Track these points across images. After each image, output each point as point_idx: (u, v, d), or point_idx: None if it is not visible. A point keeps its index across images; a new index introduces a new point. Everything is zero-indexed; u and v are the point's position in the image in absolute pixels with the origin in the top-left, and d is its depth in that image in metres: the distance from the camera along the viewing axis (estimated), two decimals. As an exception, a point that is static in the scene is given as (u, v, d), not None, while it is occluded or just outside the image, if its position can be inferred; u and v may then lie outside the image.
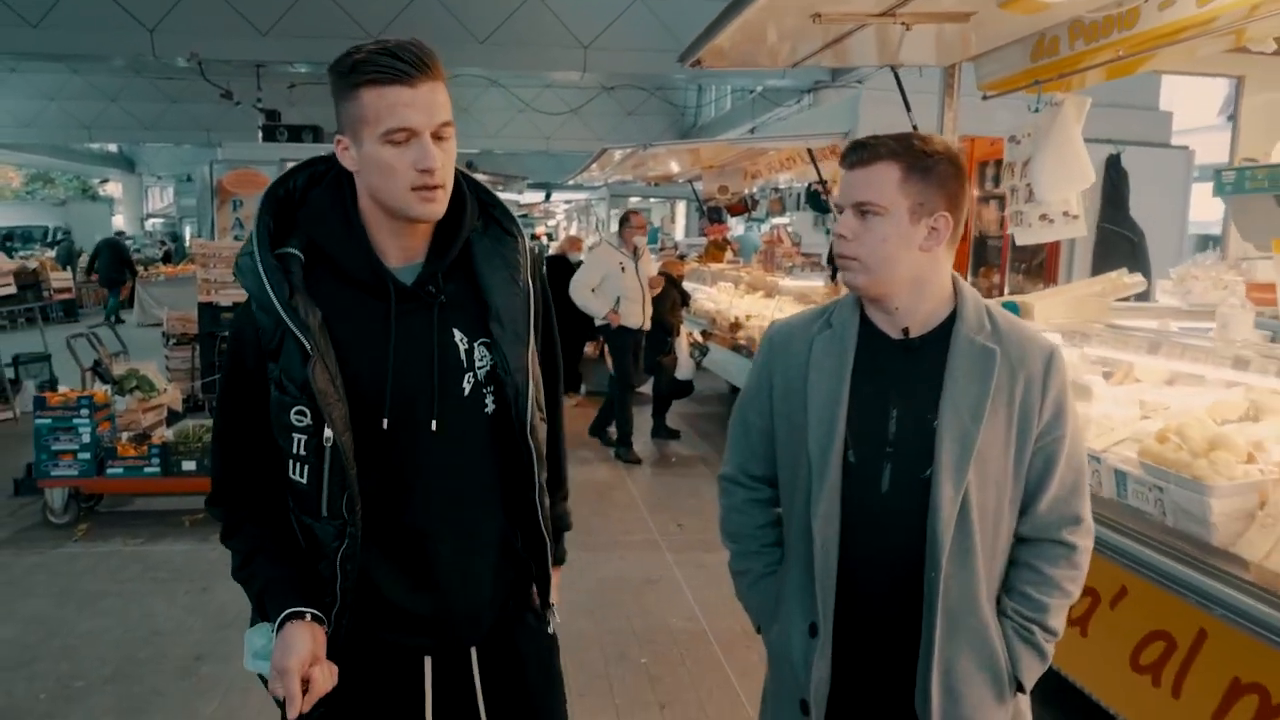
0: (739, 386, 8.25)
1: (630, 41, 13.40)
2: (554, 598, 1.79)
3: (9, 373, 8.99)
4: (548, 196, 30.54)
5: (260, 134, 12.49)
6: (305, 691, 1.45)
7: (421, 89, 1.44)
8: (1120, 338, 3.24)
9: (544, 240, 33.73)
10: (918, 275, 1.62)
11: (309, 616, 1.53)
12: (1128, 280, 3.71)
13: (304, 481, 1.53)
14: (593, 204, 22.94)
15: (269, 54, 13.35)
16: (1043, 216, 4.09)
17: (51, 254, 20.97)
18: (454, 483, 1.61)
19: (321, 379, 1.48)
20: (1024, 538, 1.69)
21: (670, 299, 8.03)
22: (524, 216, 35.65)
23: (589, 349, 9.35)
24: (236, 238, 10.36)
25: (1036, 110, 4.07)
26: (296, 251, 1.55)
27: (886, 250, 1.58)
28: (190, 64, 13.28)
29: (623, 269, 7.37)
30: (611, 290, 7.38)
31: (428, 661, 1.67)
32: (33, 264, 12.77)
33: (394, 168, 1.47)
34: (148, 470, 5.61)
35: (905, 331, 1.65)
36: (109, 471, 5.61)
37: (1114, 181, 6.99)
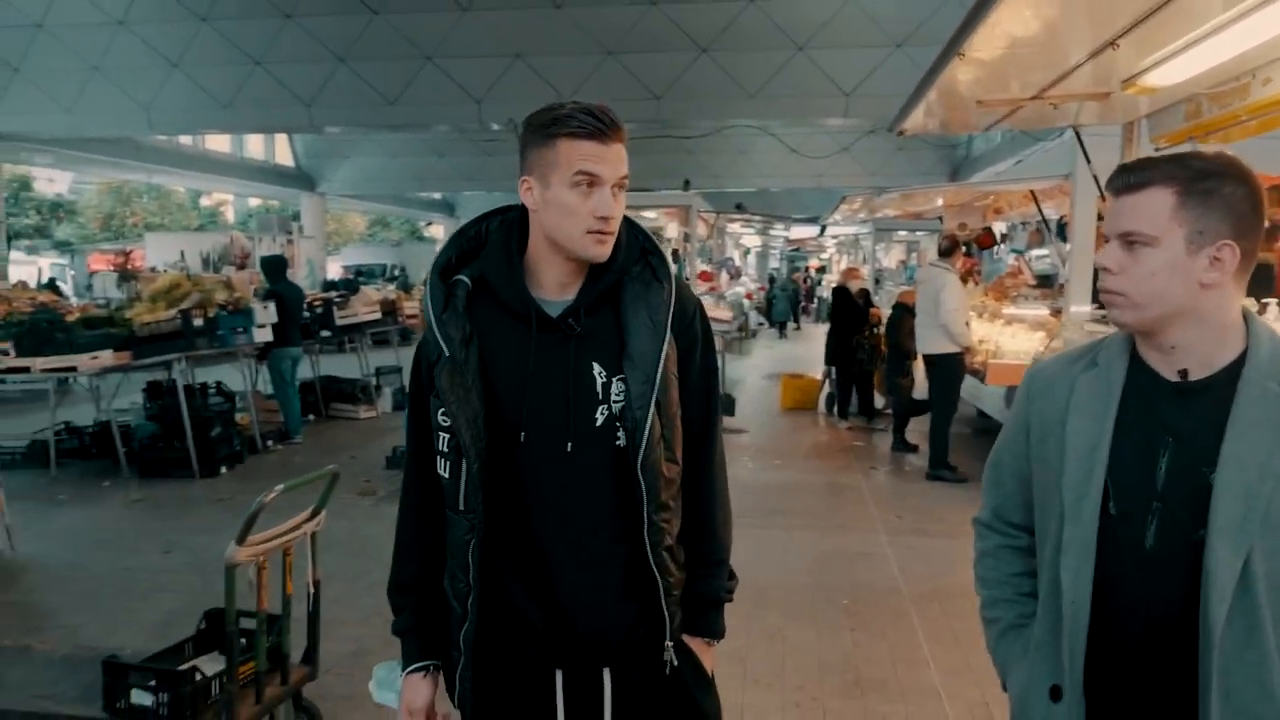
0: (972, 403, 9.03)
1: (890, 88, 14.30)
2: (706, 664, 1.83)
3: (373, 381, 11.44)
4: (822, 231, 31.54)
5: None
6: None
7: (611, 147, 1.61)
8: None
9: (814, 273, 34.71)
10: (1198, 311, 1.44)
11: (433, 668, 1.79)
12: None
13: (446, 476, 1.70)
14: (860, 238, 23.72)
15: (573, 114, 15.53)
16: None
17: (391, 287, 24.72)
18: (579, 504, 1.68)
19: (447, 379, 1.65)
20: None
21: (906, 326, 8.96)
22: (795, 250, 36.94)
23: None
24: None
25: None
26: (465, 279, 1.72)
27: (1156, 285, 1.42)
28: (507, 128, 15.71)
29: (964, 290, 7.99)
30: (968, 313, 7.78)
31: (559, 675, 1.73)
32: (391, 295, 15.56)
33: (576, 211, 1.62)
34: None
35: (1183, 373, 1.47)
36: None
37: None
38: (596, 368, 1.68)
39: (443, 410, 1.66)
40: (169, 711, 2.99)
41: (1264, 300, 4.90)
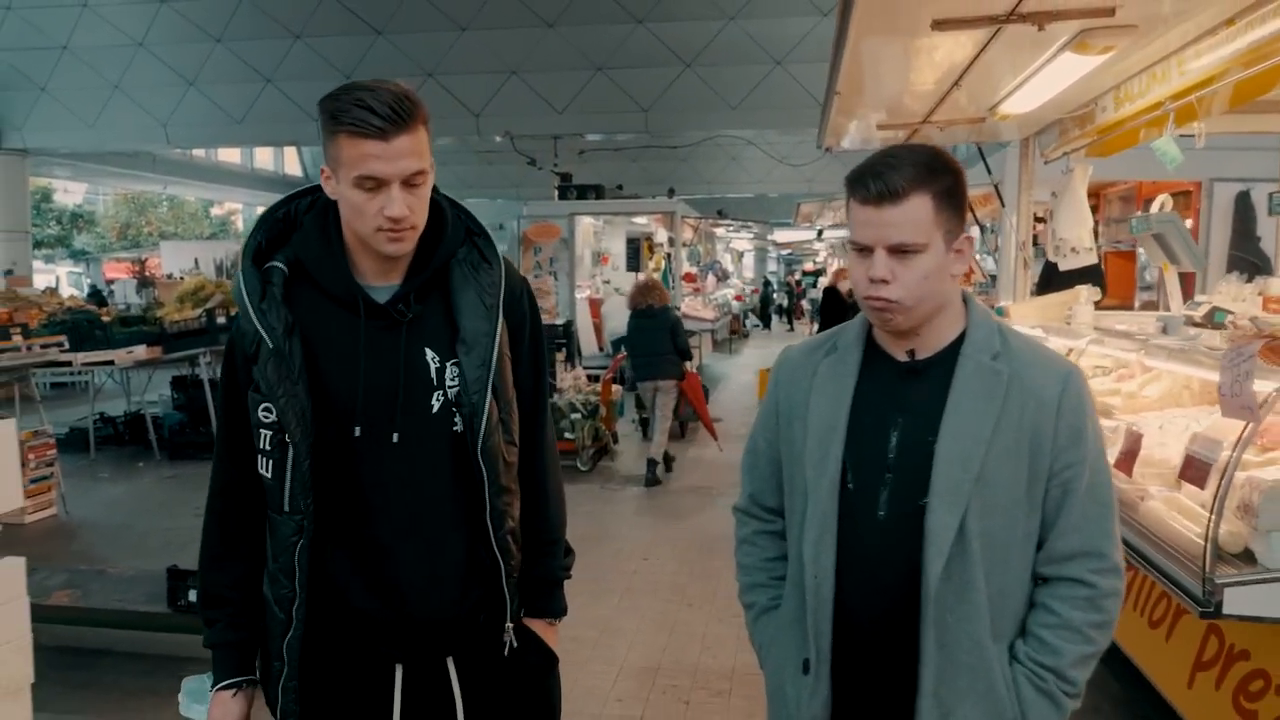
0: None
1: (863, 99, 15.22)
2: (550, 642, 1.81)
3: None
4: (819, 235, 32.37)
5: (556, 193, 15.49)
6: None
7: (395, 142, 1.49)
8: (1071, 331, 4.87)
9: (806, 275, 35.49)
10: (945, 302, 1.56)
11: (246, 684, 1.70)
12: (1086, 291, 5.21)
13: (269, 476, 1.60)
14: (847, 242, 24.54)
15: (564, 128, 16.48)
16: (1072, 249, 5.71)
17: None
18: (416, 494, 1.63)
19: (273, 371, 1.56)
20: (1043, 577, 1.57)
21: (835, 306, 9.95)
22: (789, 253, 37.83)
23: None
24: (536, 276, 13.30)
25: (1068, 171, 5.71)
26: (281, 265, 1.62)
27: (927, 287, 1.51)
28: (504, 139, 16.64)
29: None
30: None
31: (399, 670, 1.68)
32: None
33: (362, 210, 1.53)
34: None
35: (910, 354, 1.58)
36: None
37: (1242, 215, 8.11)
38: (429, 353, 1.63)
39: (264, 406, 1.57)
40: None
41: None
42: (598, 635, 4.46)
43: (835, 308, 11.51)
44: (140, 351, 8.50)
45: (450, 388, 1.63)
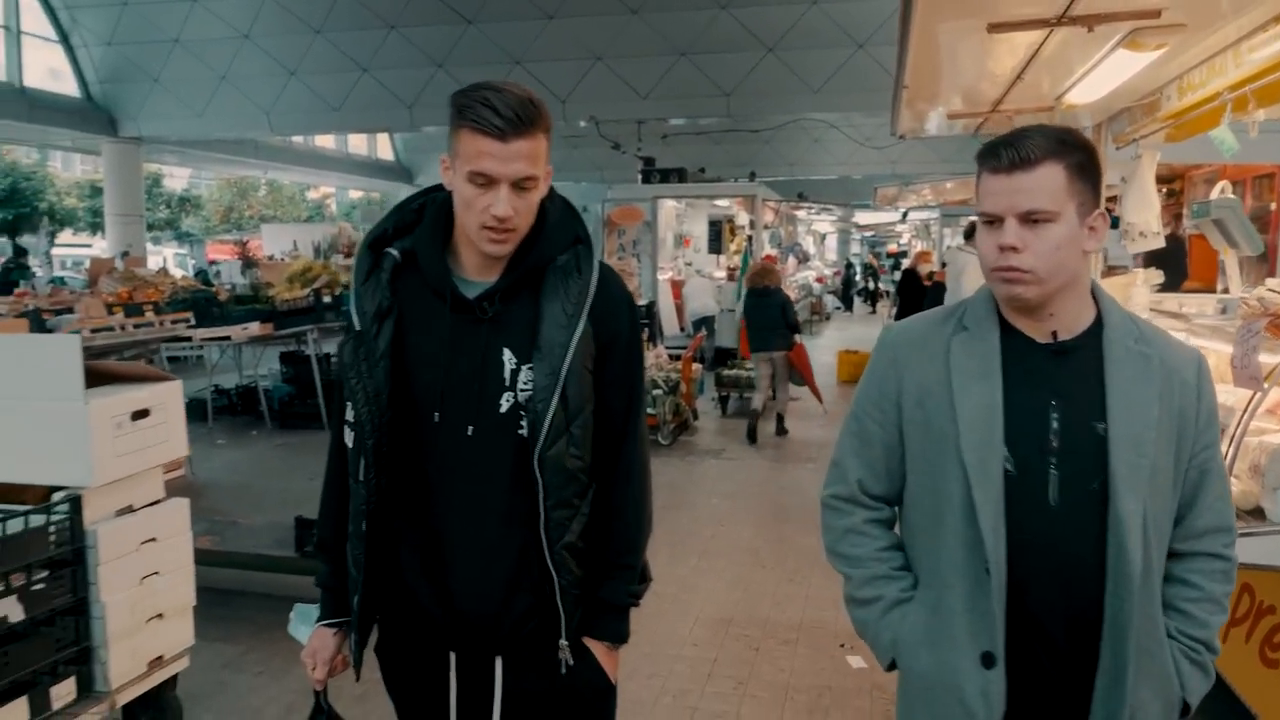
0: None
1: (947, 81, 15.21)
2: (608, 668, 1.76)
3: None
4: (904, 216, 32.17)
5: (640, 176, 15.85)
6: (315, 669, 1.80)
7: (512, 144, 1.52)
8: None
9: (887, 257, 35.18)
10: (1077, 279, 1.53)
11: (342, 625, 1.80)
12: (1144, 274, 5.36)
13: (350, 446, 1.67)
14: (930, 223, 24.42)
15: (648, 113, 16.84)
16: (1140, 234, 5.86)
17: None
18: (477, 490, 1.65)
19: (350, 352, 1.63)
20: (1178, 552, 1.57)
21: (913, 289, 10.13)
22: (872, 235, 37.56)
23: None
24: (619, 258, 13.70)
25: (1136, 157, 5.85)
26: (394, 252, 1.69)
27: (1059, 258, 1.48)
28: (589, 124, 17.06)
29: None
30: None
31: (452, 657, 1.73)
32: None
33: (471, 205, 1.57)
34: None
35: (1054, 335, 1.55)
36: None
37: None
38: (507, 354, 1.64)
39: (353, 379, 1.64)
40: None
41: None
42: (676, 591, 4.83)
43: (914, 290, 11.66)
44: (254, 328, 9.17)
45: (522, 391, 1.64)
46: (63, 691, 2.88)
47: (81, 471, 2.93)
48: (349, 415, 1.66)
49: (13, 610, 2.72)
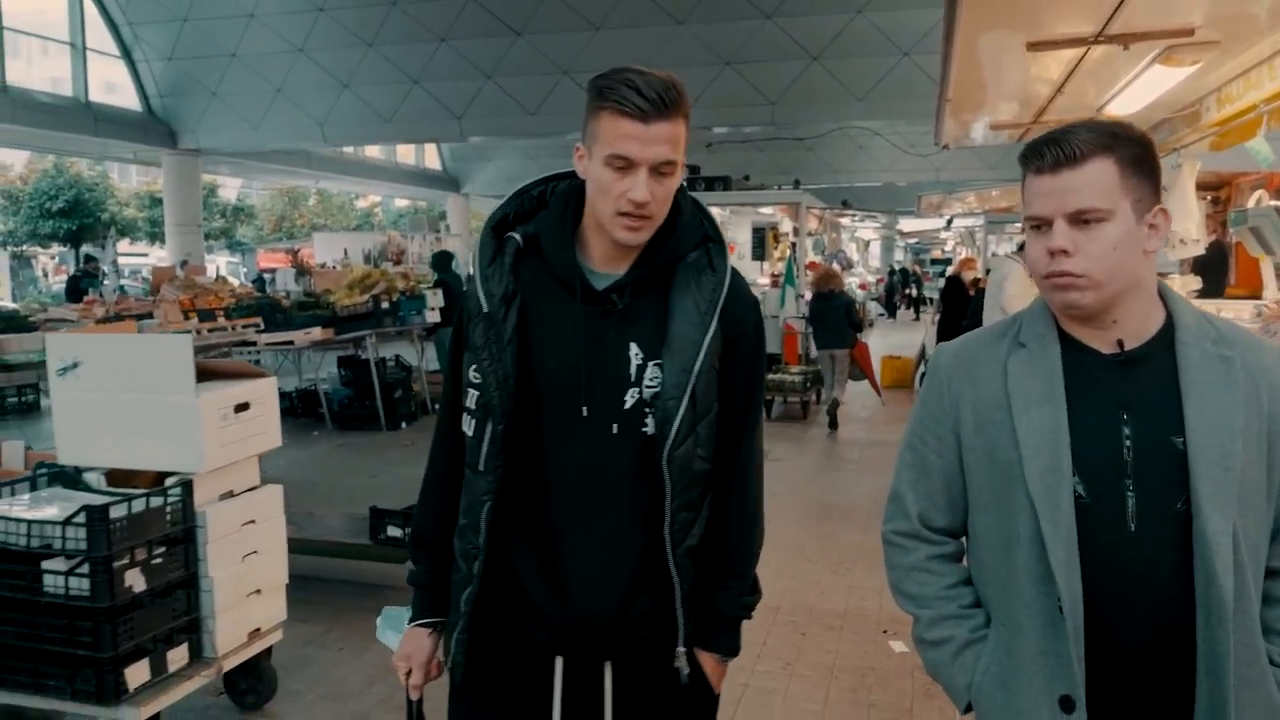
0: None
1: (991, 89, 15.30)
2: (715, 682, 1.73)
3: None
4: (949, 224, 32.09)
5: (685, 184, 16.02)
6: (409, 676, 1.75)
7: (654, 126, 1.49)
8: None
9: (940, 263, 35.09)
10: (1139, 282, 1.41)
11: (439, 625, 1.75)
12: (1181, 280, 5.50)
13: (470, 434, 1.64)
14: (975, 230, 24.39)
15: (694, 121, 16.73)
16: (1180, 241, 6.00)
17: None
18: (600, 487, 1.61)
19: (481, 334, 1.60)
20: (1276, 570, 1.44)
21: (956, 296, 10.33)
22: (916, 242, 37.47)
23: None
24: (665, 265, 13.94)
25: (1177, 166, 6.00)
26: (517, 237, 1.66)
27: (1116, 260, 1.36)
28: (635, 134, 17.34)
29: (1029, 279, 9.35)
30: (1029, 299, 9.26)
31: (559, 662, 1.66)
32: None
33: (608, 190, 1.53)
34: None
35: (1120, 344, 1.43)
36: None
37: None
38: (634, 348, 1.60)
39: (475, 366, 1.61)
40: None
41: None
42: (726, 582, 5.05)
43: (958, 297, 11.79)
44: (316, 333, 9.53)
45: (648, 388, 1.60)
46: (177, 656, 3.18)
47: (194, 458, 3.23)
48: (469, 402, 1.63)
49: (137, 581, 3.03)
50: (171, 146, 19.91)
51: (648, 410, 1.60)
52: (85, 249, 23.73)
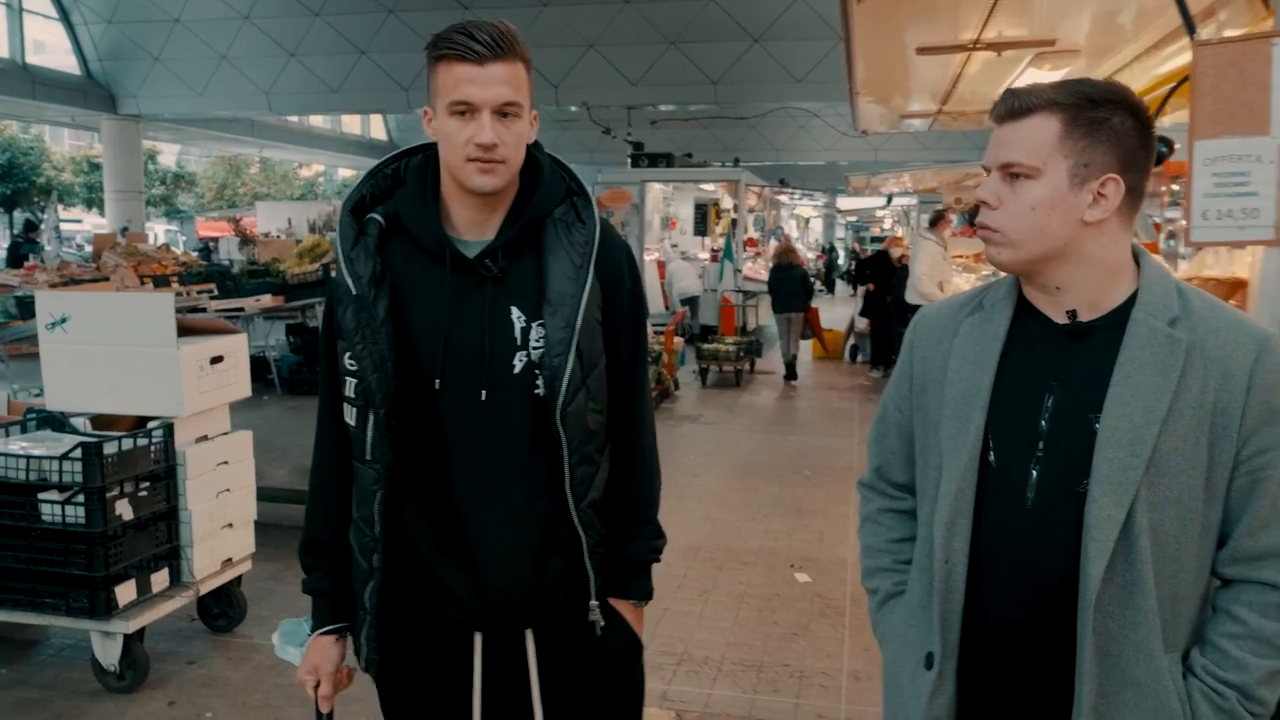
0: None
1: (922, 74, 15.94)
2: (635, 626, 1.73)
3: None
4: (889, 201, 32.76)
5: (629, 161, 16.49)
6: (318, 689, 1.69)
7: (490, 68, 1.48)
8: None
9: (877, 239, 35.90)
10: (1081, 251, 1.32)
11: (343, 631, 1.71)
12: None
13: (353, 424, 1.59)
14: (909, 209, 25.19)
15: (638, 99, 17.51)
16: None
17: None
18: (497, 457, 1.59)
19: (353, 319, 1.55)
20: (1226, 578, 1.35)
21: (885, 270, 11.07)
22: (855, 220, 38.32)
23: (863, 325, 12.41)
24: (607, 239, 14.35)
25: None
26: (378, 217, 1.62)
27: (1034, 221, 1.30)
28: (580, 109, 17.70)
29: (943, 257, 9.53)
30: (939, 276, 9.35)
31: (478, 638, 1.66)
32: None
33: (454, 139, 1.51)
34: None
35: (1071, 315, 1.36)
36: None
37: None
38: (515, 312, 1.58)
39: (349, 354, 1.57)
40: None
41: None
42: (653, 528, 5.57)
43: (883, 270, 12.42)
44: (266, 300, 9.84)
45: (535, 349, 1.58)
46: (160, 579, 3.61)
47: (175, 404, 3.64)
48: (349, 391, 1.59)
49: (125, 510, 3.44)
50: (111, 111, 19.76)
51: (538, 371, 1.58)
52: (20, 214, 23.42)
